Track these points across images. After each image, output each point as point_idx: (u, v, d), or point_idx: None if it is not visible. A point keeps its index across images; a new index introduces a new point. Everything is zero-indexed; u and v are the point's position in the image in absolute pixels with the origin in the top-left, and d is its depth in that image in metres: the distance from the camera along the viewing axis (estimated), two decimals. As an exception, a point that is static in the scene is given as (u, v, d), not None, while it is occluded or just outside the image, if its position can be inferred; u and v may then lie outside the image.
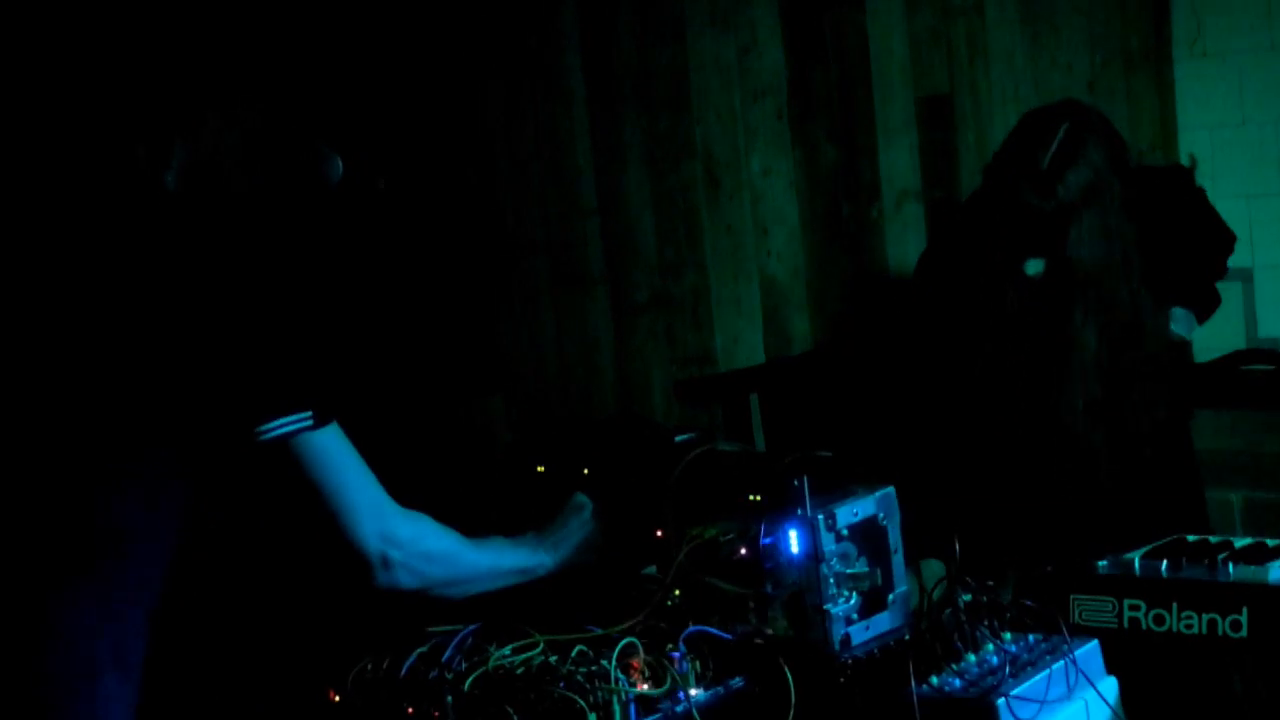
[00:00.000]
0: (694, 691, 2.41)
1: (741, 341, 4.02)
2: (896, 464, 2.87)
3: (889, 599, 2.51)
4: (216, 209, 2.29)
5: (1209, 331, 3.94)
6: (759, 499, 2.51)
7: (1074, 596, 3.02)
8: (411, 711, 2.41)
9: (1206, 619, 2.88)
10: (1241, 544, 3.11)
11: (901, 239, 4.42)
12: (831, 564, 2.45)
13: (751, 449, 3.68)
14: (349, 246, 3.11)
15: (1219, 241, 3.76)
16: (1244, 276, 5.13)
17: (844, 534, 2.48)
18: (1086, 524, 3.41)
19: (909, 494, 2.58)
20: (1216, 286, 3.80)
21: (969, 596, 2.62)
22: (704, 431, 2.84)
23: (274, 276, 2.25)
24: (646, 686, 2.38)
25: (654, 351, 3.81)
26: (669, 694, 2.39)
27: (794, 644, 2.46)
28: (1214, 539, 3.16)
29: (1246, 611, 2.85)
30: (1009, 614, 2.64)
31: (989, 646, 2.56)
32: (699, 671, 2.44)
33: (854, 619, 2.47)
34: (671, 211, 3.85)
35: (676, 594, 2.56)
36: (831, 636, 2.44)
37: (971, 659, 2.53)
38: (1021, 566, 3.10)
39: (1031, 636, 2.61)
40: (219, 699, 2.84)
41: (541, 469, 2.81)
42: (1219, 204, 3.86)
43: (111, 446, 2.19)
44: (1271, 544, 3.10)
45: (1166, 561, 3.02)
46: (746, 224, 4.03)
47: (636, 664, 2.40)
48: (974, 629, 2.58)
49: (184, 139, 2.28)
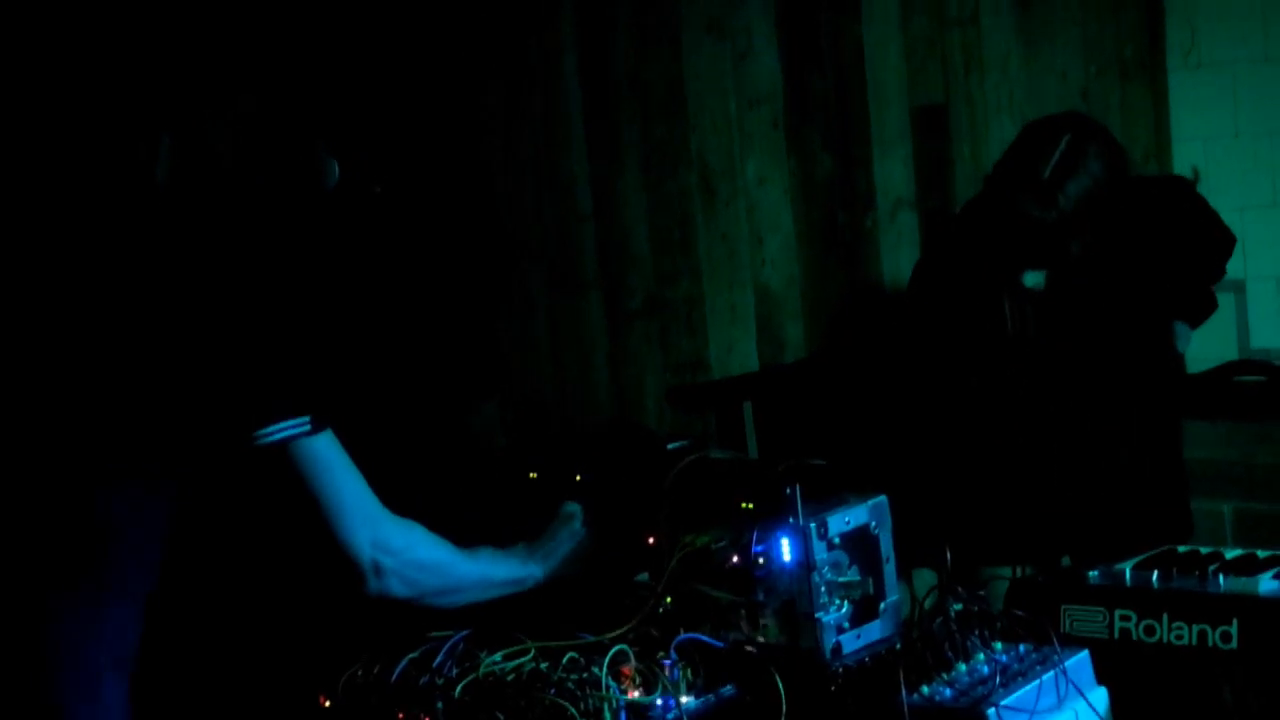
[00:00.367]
0: (685, 699, 2.41)
1: (735, 349, 4.02)
2: (889, 473, 2.88)
3: (880, 608, 2.51)
4: (210, 208, 2.29)
5: (1201, 342, 3.94)
6: (751, 507, 2.51)
7: (1065, 607, 3.03)
8: (402, 717, 2.41)
9: (1197, 630, 2.88)
10: (1232, 555, 3.12)
11: (896, 248, 4.43)
12: (823, 572, 2.46)
13: (744, 456, 3.68)
14: (345, 251, 3.11)
15: (1219, 243, 3.75)
16: (1236, 288, 5.14)
17: (836, 542, 2.48)
18: (1074, 532, 3.41)
19: (901, 503, 2.58)
20: (1214, 290, 3.80)
21: (960, 606, 2.62)
22: (697, 439, 2.84)
23: (271, 280, 2.25)
24: (638, 694, 2.38)
25: (648, 358, 3.81)
26: (660, 701, 2.39)
27: (785, 652, 2.46)
28: (1205, 550, 3.17)
29: (1237, 623, 2.86)
30: (1000, 623, 2.64)
31: (980, 656, 2.56)
32: (690, 679, 2.44)
33: (845, 627, 2.48)
34: (667, 218, 3.85)
35: (668, 601, 2.56)
36: (823, 645, 2.44)
37: (962, 668, 2.53)
38: (1011, 574, 3.10)
39: (1022, 646, 2.61)
40: (211, 703, 2.84)
41: (534, 475, 2.81)
42: (1212, 216, 3.86)
43: (110, 447, 2.19)
44: (1263, 555, 3.11)
45: (1157, 572, 3.02)
46: (741, 231, 4.03)
47: (628, 671, 2.40)
48: (965, 638, 2.58)
49: (175, 137, 2.28)
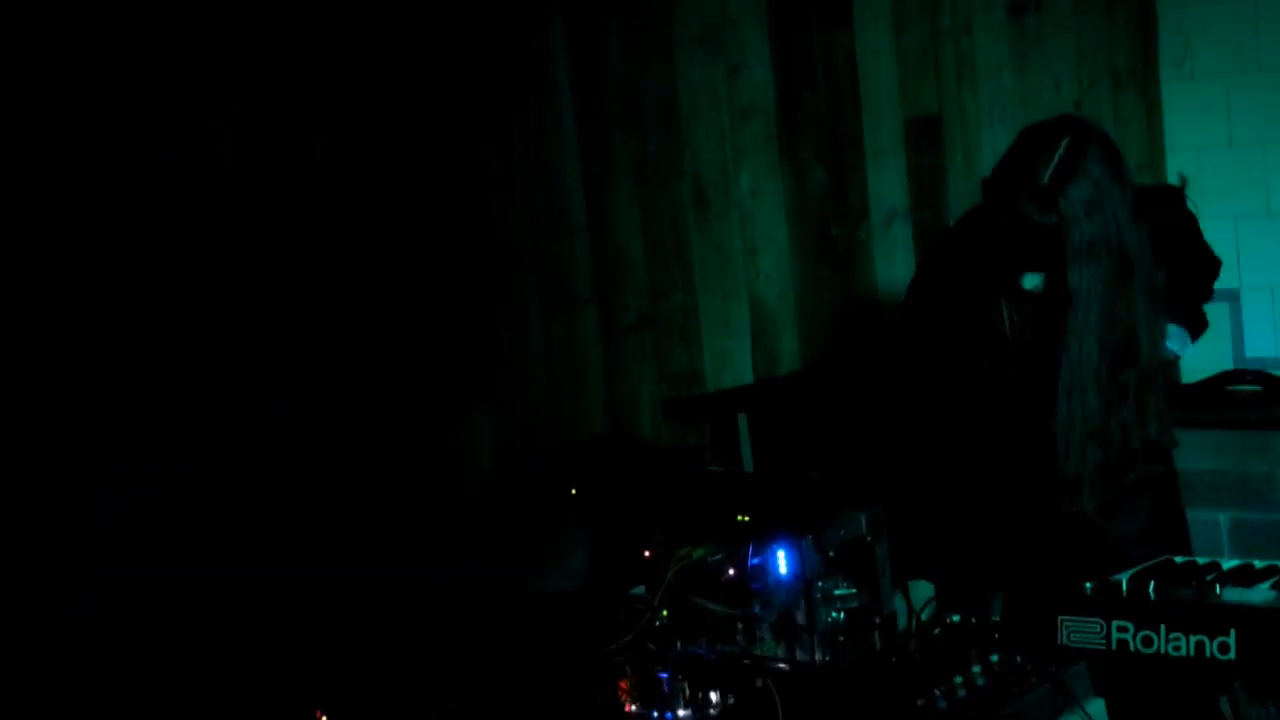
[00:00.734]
0: (681, 712, 2.40)
1: (730, 361, 4.02)
2: (884, 484, 2.87)
3: (876, 620, 2.51)
4: (209, 208, 2.29)
5: (1196, 352, 3.94)
6: (747, 519, 2.51)
7: (1061, 618, 3.01)
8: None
9: (1194, 641, 2.87)
10: (1229, 565, 3.11)
11: (889, 259, 4.43)
12: (819, 584, 2.45)
13: (739, 468, 3.68)
14: (338, 262, 3.10)
15: (1205, 266, 3.77)
16: (1231, 297, 5.14)
17: (832, 554, 2.48)
18: (1070, 543, 3.41)
19: (897, 514, 2.58)
20: (1204, 310, 3.81)
21: (957, 617, 2.62)
22: (692, 451, 2.84)
23: (263, 285, 2.25)
24: (634, 707, 2.38)
25: (642, 370, 3.80)
26: (656, 714, 2.39)
27: (781, 664, 2.46)
28: (1202, 560, 3.16)
29: (1234, 633, 2.85)
30: (996, 635, 2.63)
31: (976, 668, 2.56)
32: (686, 692, 2.44)
33: (841, 639, 2.47)
34: (660, 231, 3.85)
35: (664, 614, 2.56)
36: (819, 657, 2.44)
37: (959, 680, 2.53)
38: (1008, 586, 3.10)
39: (1019, 658, 2.61)
40: (211, 711, 2.83)
41: (530, 488, 2.81)
42: (1205, 225, 3.86)
43: (107, 447, 2.19)
44: (1260, 565, 3.10)
45: (1154, 583, 3.01)
46: (735, 244, 4.03)
47: (624, 684, 2.40)
48: (962, 650, 2.57)
49: (168, 146, 2.29)
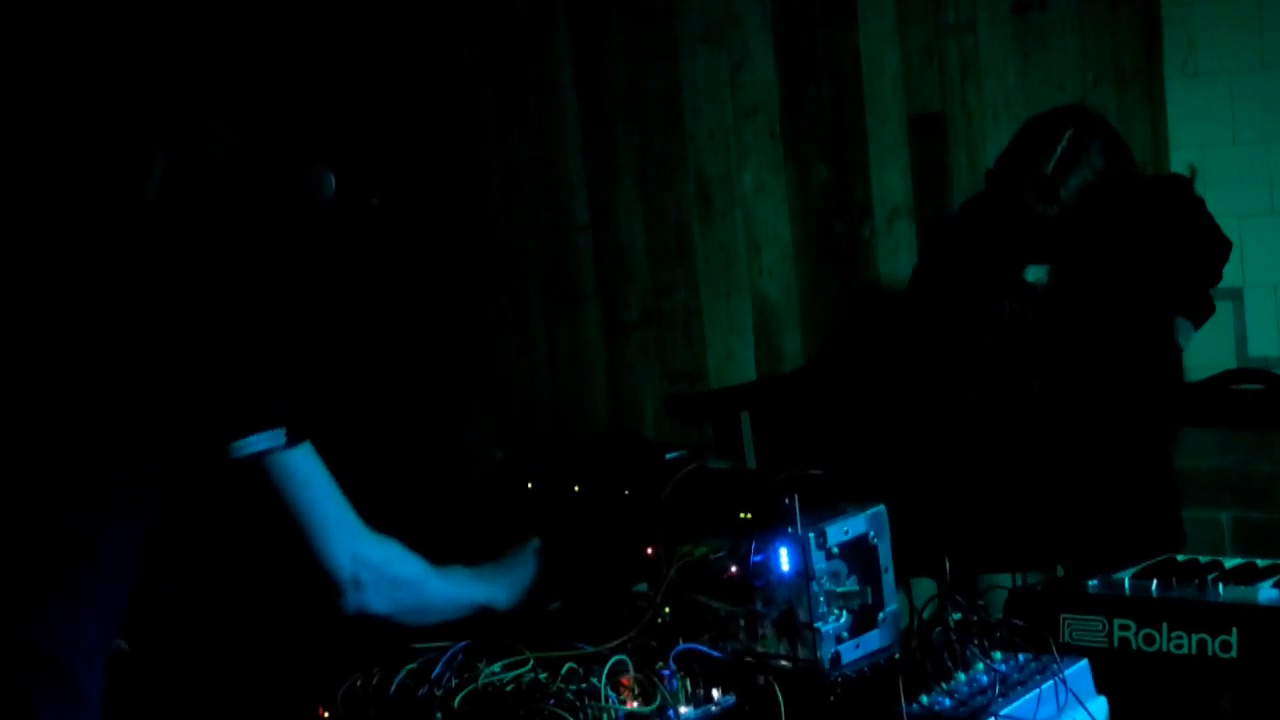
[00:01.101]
0: (684, 710, 2.40)
1: (733, 359, 4.02)
2: (887, 482, 2.87)
3: (879, 617, 2.51)
4: (199, 220, 2.28)
5: (1199, 350, 3.94)
6: (749, 517, 2.51)
7: (1064, 616, 3.02)
8: (401, 728, 2.41)
9: (1196, 639, 2.88)
10: (1232, 564, 3.12)
11: (893, 257, 4.42)
12: (822, 582, 2.45)
13: (742, 466, 3.68)
14: (341, 262, 3.10)
15: (1216, 247, 3.76)
16: (1234, 296, 5.14)
17: (834, 552, 2.48)
18: (1069, 541, 3.41)
19: (899, 512, 2.58)
20: (1211, 294, 3.80)
21: (959, 615, 2.62)
22: (695, 448, 2.84)
23: (254, 291, 2.24)
24: (636, 704, 2.38)
25: (645, 368, 3.80)
26: (659, 712, 2.39)
27: (784, 662, 2.46)
28: (1204, 559, 3.17)
29: (1236, 632, 2.86)
30: (999, 633, 2.63)
31: (979, 666, 2.56)
32: (689, 690, 2.44)
33: (844, 637, 2.47)
34: (664, 228, 3.85)
35: (667, 612, 2.56)
36: (822, 655, 2.44)
37: (961, 678, 2.52)
38: (1010, 583, 3.10)
39: (1021, 656, 2.61)
40: (211, 713, 2.83)
41: (531, 486, 2.81)
42: (1209, 224, 3.86)
43: (87, 459, 2.18)
44: (1262, 564, 3.11)
45: (1157, 581, 3.02)
46: (739, 241, 4.03)
47: (626, 682, 2.40)
48: (964, 648, 2.57)
49: (167, 148, 2.28)
